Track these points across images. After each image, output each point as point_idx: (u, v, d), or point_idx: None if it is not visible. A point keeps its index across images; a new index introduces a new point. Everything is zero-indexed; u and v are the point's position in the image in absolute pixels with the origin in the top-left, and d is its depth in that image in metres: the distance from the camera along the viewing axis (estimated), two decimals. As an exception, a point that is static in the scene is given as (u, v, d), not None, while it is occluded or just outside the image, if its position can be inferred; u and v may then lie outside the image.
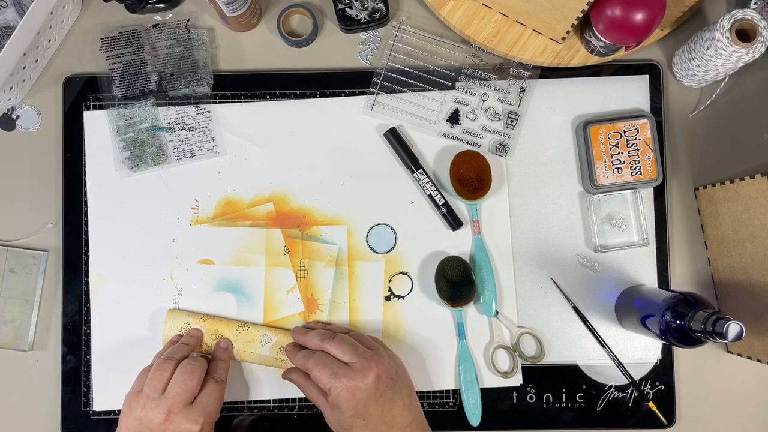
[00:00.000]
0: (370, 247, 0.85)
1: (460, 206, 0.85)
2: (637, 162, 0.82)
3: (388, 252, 0.85)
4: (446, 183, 0.84)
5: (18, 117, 0.87)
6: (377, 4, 0.84)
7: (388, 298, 0.84)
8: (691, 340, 0.70)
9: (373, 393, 0.73)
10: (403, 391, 0.75)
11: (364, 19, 0.84)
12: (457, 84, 0.85)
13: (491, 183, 0.83)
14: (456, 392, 0.84)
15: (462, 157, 0.83)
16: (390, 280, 0.85)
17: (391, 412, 0.74)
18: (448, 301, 0.82)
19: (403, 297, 0.84)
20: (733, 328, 0.64)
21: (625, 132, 0.82)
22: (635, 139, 0.82)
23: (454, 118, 0.85)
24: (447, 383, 0.84)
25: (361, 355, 0.74)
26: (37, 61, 0.84)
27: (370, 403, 0.73)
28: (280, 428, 0.84)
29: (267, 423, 0.84)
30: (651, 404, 0.83)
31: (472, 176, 0.83)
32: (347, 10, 0.84)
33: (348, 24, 0.84)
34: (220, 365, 0.79)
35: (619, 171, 0.82)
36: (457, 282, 0.83)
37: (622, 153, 0.82)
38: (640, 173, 0.82)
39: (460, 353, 0.83)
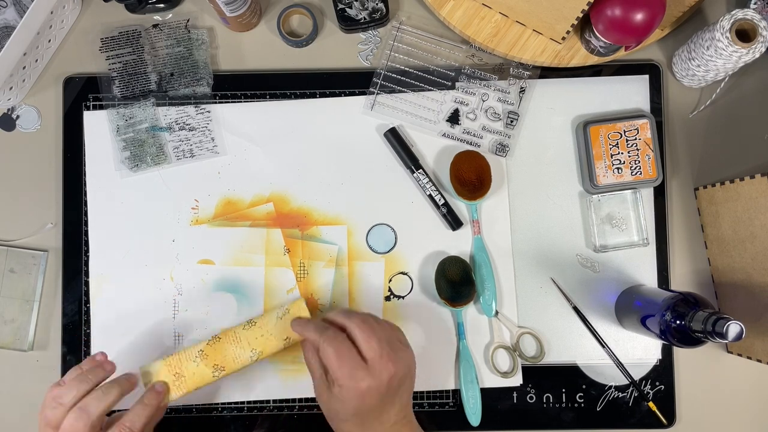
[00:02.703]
0: (370, 247, 0.85)
1: (460, 206, 0.85)
2: (637, 162, 0.82)
3: (388, 252, 0.85)
4: (446, 183, 0.84)
5: (18, 117, 0.87)
6: (377, 4, 0.84)
7: (388, 298, 0.84)
8: (691, 340, 0.70)
9: (382, 395, 0.70)
10: (404, 393, 0.73)
11: (364, 19, 0.84)
12: (457, 84, 0.85)
13: (491, 183, 0.83)
14: (456, 392, 0.84)
15: (462, 157, 0.83)
16: (390, 280, 0.84)
17: (390, 410, 0.72)
18: (448, 301, 0.82)
19: (403, 297, 0.84)
20: (733, 328, 0.64)
21: (625, 132, 0.82)
22: (635, 139, 0.82)
23: (454, 118, 0.85)
24: (447, 383, 0.84)
25: (385, 353, 0.69)
26: (37, 61, 0.84)
27: (374, 403, 0.70)
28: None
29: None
30: (651, 404, 0.83)
31: (472, 176, 0.83)
32: (347, 10, 0.84)
33: (348, 24, 0.84)
34: (137, 413, 0.71)
35: (619, 171, 0.82)
36: (457, 282, 0.83)
37: (622, 153, 0.82)
38: (640, 173, 0.82)
39: (460, 353, 0.83)
